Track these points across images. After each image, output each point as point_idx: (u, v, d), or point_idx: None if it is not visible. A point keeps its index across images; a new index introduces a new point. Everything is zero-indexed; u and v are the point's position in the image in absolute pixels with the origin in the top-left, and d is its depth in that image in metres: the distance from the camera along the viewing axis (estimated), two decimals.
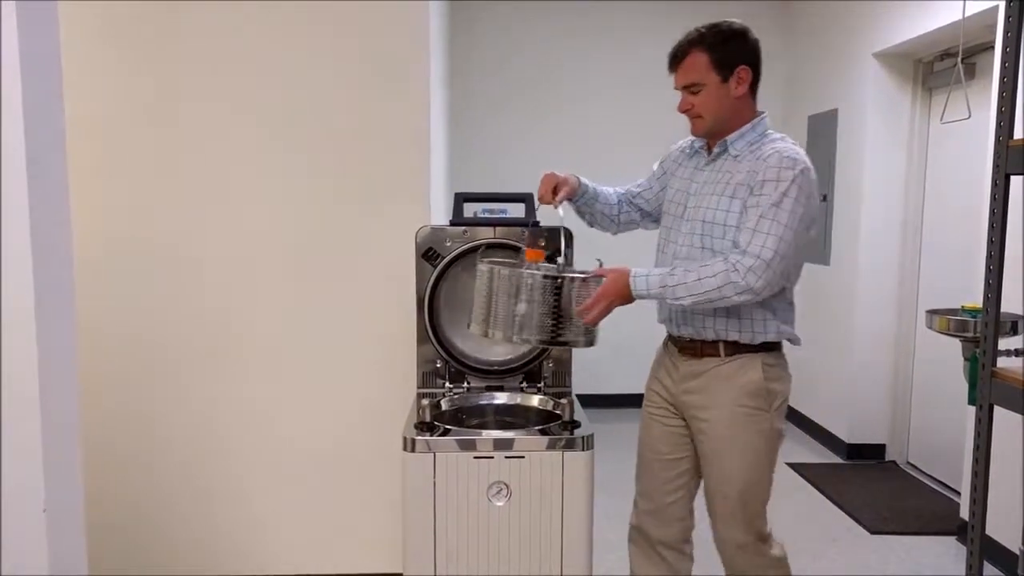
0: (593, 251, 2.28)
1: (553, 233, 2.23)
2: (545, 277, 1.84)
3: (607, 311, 1.88)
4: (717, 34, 1.89)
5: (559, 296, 1.83)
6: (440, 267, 2.24)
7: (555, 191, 2.04)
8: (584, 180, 2.13)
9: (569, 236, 2.16)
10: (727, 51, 1.88)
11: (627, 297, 1.87)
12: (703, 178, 1.98)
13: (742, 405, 1.92)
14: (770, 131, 1.95)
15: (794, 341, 2.03)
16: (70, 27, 2.38)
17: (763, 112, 1.98)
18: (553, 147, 5.01)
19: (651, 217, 2.20)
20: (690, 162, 2.06)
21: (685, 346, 2.00)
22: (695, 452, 2.02)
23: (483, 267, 1.92)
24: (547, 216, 2.32)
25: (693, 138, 2.05)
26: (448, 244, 2.25)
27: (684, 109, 1.96)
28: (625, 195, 2.21)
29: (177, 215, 2.56)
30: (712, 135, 1.97)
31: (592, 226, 2.24)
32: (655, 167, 2.19)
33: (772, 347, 1.96)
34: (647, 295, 1.86)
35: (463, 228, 2.26)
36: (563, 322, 1.84)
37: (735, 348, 1.93)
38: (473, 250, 2.23)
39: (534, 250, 2.03)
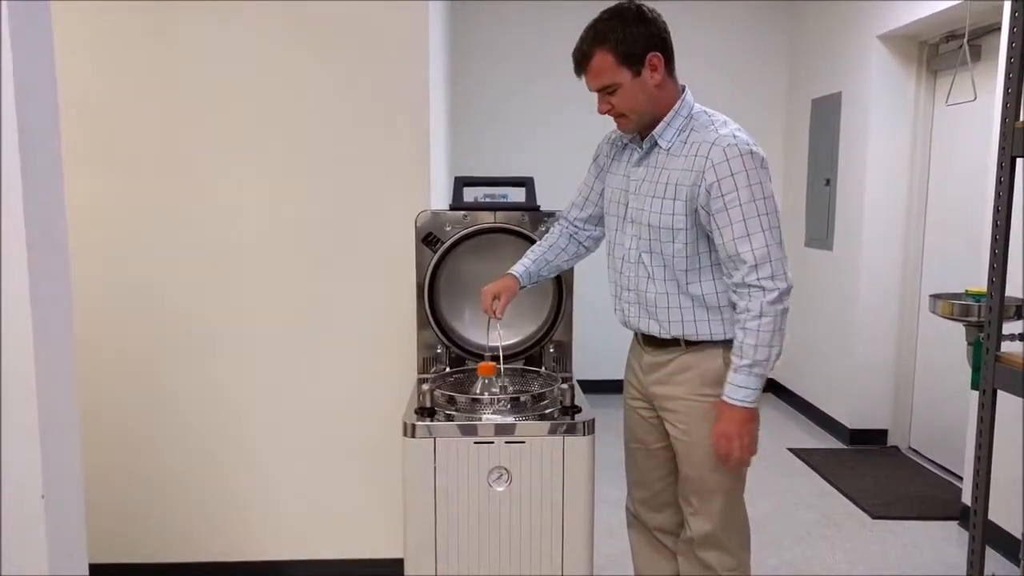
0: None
1: (552, 220, 2.22)
2: None
3: (744, 439, 1.81)
4: (616, 25, 1.77)
5: None
6: (440, 252, 2.22)
7: (494, 302, 2.01)
8: (522, 266, 2.07)
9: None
10: (631, 42, 1.76)
11: (745, 416, 1.79)
12: (639, 175, 1.89)
13: (704, 394, 1.88)
14: (695, 110, 1.85)
15: None
16: (68, 24, 2.37)
17: (683, 88, 1.87)
18: (557, 125, 4.98)
19: None
20: (623, 155, 1.97)
21: (648, 337, 1.96)
22: None
23: None
24: (547, 204, 2.31)
25: None
26: (448, 229, 2.23)
27: (604, 111, 1.86)
28: (572, 226, 2.12)
29: (174, 203, 2.55)
30: (642, 128, 1.88)
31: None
32: (589, 168, 2.09)
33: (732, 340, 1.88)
34: (754, 388, 1.78)
35: (463, 213, 2.24)
36: None
37: (695, 341, 1.89)
38: (473, 235, 2.22)
39: (487, 365, 2.06)
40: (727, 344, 1.87)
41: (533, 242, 2.21)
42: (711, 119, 1.83)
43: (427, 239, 2.24)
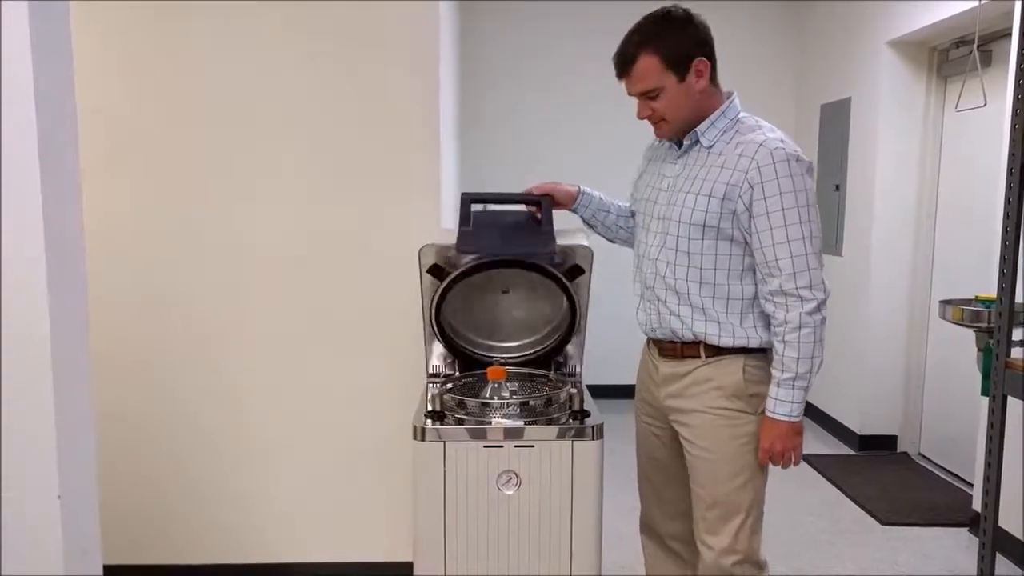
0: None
1: (570, 251, 2.07)
2: None
3: (788, 454, 1.82)
4: (663, 29, 1.75)
5: None
6: (446, 283, 2.08)
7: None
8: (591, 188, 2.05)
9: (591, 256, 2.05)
10: (678, 46, 1.74)
11: (791, 430, 1.78)
12: (675, 172, 1.85)
13: (722, 408, 1.83)
14: (742, 114, 1.83)
15: None
16: (78, 25, 2.39)
17: (731, 93, 1.85)
18: (570, 133, 4.99)
19: None
20: (658, 153, 1.96)
21: (665, 348, 1.92)
22: None
23: None
24: (563, 223, 2.26)
25: None
26: (451, 255, 2.05)
27: (644, 116, 1.83)
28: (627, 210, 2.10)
29: (186, 212, 2.56)
30: (679, 134, 1.85)
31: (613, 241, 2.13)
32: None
33: (756, 350, 1.85)
34: (799, 402, 1.77)
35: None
36: None
37: (716, 350, 1.84)
38: (480, 267, 2.06)
39: (496, 369, 2.04)
40: (747, 354, 1.84)
41: (546, 273, 2.06)
42: (759, 123, 1.82)
43: (433, 270, 2.10)
